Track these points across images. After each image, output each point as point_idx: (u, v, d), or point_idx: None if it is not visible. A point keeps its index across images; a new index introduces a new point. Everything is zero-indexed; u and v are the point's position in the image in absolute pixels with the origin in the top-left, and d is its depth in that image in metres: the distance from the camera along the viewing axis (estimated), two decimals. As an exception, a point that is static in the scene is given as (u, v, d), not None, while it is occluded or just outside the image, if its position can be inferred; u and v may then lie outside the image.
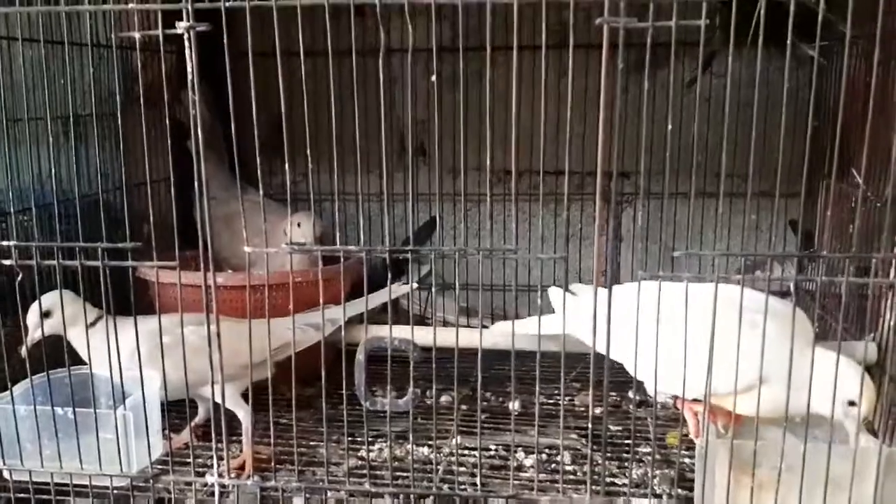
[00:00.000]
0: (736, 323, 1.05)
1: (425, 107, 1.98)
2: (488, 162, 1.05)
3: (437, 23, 1.06)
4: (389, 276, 1.16)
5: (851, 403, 1.14)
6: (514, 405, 1.49)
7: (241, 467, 1.36)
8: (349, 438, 1.53)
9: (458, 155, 1.08)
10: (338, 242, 1.09)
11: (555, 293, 1.43)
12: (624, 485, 1.40)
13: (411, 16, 1.03)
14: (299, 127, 1.12)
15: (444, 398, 1.73)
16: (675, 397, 1.41)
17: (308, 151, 1.12)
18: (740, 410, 1.22)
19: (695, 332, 1.06)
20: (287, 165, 1.12)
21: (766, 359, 1.06)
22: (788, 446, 1.09)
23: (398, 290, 1.62)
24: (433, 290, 2.11)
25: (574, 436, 1.56)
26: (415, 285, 1.62)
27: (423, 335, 1.23)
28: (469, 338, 1.21)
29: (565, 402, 1.78)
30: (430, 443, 1.50)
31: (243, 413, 1.40)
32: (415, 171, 2.19)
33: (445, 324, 2.15)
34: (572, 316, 1.16)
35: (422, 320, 2.18)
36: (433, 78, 1.08)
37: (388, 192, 1.10)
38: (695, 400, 1.30)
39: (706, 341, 1.04)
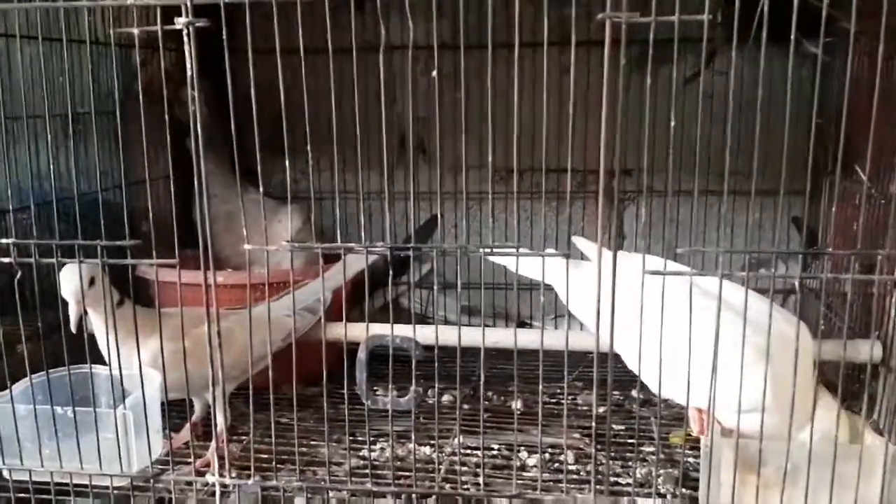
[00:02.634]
0: (739, 340, 1.05)
1: (426, 104, 1.97)
2: (490, 159, 1.05)
3: (437, 19, 1.05)
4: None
5: None
6: (517, 404, 1.48)
7: (207, 465, 1.36)
8: (350, 438, 1.53)
9: (460, 153, 1.07)
10: (338, 240, 1.09)
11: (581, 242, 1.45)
12: (628, 484, 1.39)
13: (411, 12, 1.02)
14: (299, 124, 1.11)
15: (445, 397, 1.72)
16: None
17: (308, 148, 1.11)
18: (743, 428, 1.21)
19: (698, 342, 1.06)
20: (287, 163, 1.11)
21: (768, 390, 1.07)
22: (794, 445, 1.08)
23: (356, 259, 1.62)
24: (434, 288, 2.10)
25: (577, 435, 1.56)
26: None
27: (424, 334, 1.22)
28: (471, 336, 1.20)
29: (568, 402, 1.77)
30: (432, 442, 1.49)
31: (224, 416, 1.40)
32: (415, 168, 2.18)
33: (447, 323, 2.14)
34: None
35: (423, 319, 2.17)
36: (434, 74, 1.07)
37: (388, 190, 1.09)
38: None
39: (709, 353, 1.04)
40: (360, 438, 1.47)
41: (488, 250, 1.10)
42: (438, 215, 2.19)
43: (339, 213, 1.08)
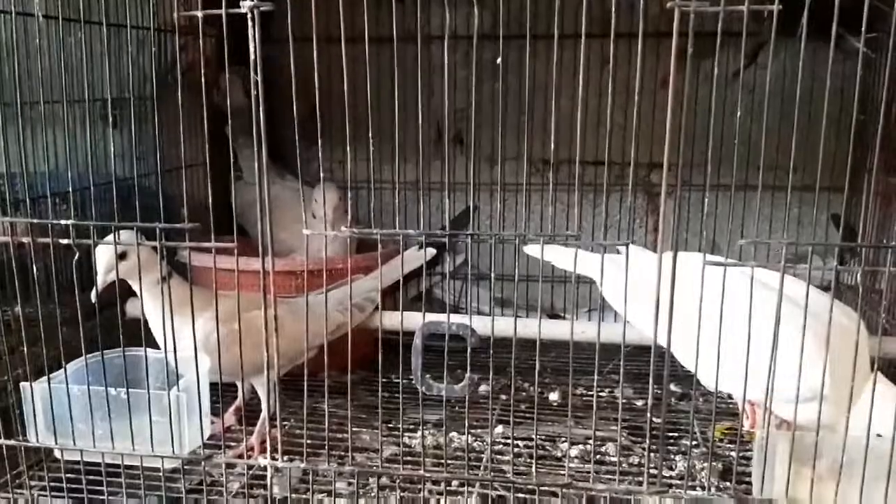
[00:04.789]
0: (799, 329, 1.05)
1: (464, 95, 1.97)
2: (527, 150, 1.04)
3: (478, 8, 1.04)
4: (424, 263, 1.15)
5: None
6: (554, 395, 1.48)
7: (252, 450, 1.40)
8: (389, 425, 1.53)
9: (497, 144, 1.07)
10: (396, 226, 1.09)
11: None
12: (671, 477, 1.39)
13: (451, 2, 1.02)
14: (336, 114, 1.11)
15: (482, 388, 1.73)
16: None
17: (349, 135, 1.11)
18: (799, 420, 1.21)
19: (757, 332, 1.06)
20: (321, 152, 1.11)
21: (827, 379, 1.07)
22: (850, 439, 1.08)
23: (418, 255, 1.63)
24: (492, 277, 2.11)
25: (614, 427, 1.56)
26: (431, 251, 1.61)
27: (476, 323, 1.22)
28: (527, 327, 1.21)
29: (605, 395, 1.77)
30: (472, 431, 1.49)
31: (274, 401, 1.40)
32: (452, 160, 2.17)
33: (479, 314, 2.14)
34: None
35: (456, 310, 2.18)
36: (498, 61, 1.07)
37: (424, 180, 1.09)
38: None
39: (768, 342, 1.04)
40: (399, 426, 1.48)
41: (547, 238, 1.10)
42: (474, 206, 2.19)
43: (373, 201, 1.08)
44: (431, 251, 1.63)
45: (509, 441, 1.46)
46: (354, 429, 1.52)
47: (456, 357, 1.18)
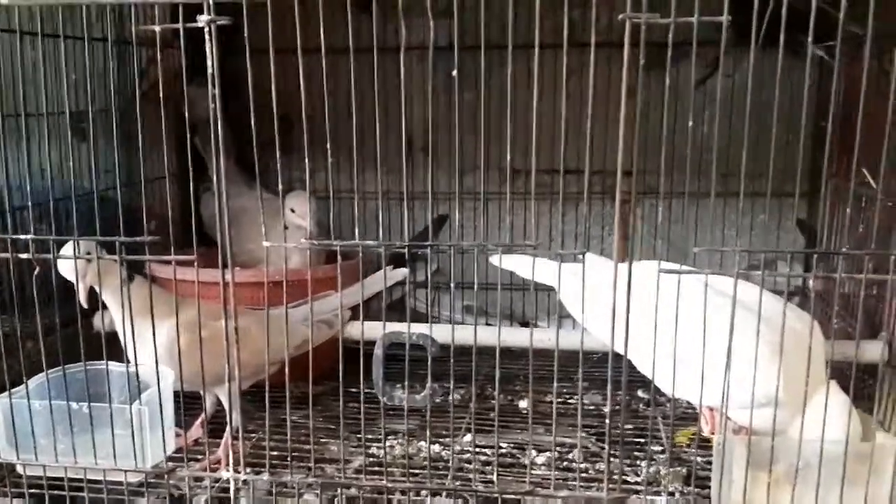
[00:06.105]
0: (753, 337, 1.06)
1: (433, 106, 1.98)
2: (509, 159, 1.06)
3: (444, 20, 1.06)
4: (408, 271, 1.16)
5: None
6: (522, 403, 1.49)
7: (219, 462, 1.38)
8: (359, 436, 1.53)
9: (454, 153, 1.08)
10: (357, 237, 1.09)
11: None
12: (636, 483, 1.40)
13: (425, 13, 1.03)
14: (308, 124, 1.12)
15: (451, 396, 1.73)
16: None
17: (306, 146, 1.12)
18: (755, 425, 1.22)
19: (712, 340, 1.07)
20: (279, 164, 1.12)
21: (781, 385, 1.09)
22: (806, 442, 1.10)
23: (393, 274, 1.62)
24: (452, 287, 2.11)
25: (584, 434, 1.57)
26: (405, 270, 1.61)
27: (438, 332, 1.23)
28: (485, 336, 1.22)
29: (574, 402, 1.78)
30: (441, 440, 1.49)
31: (237, 413, 1.40)
32: (411, 168, 2.18)
33: (451, 322, 2.14)
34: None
35: (427, 319, 2.18)
36: (454, 73, 1.08)
37: (387, 189, 1.10)
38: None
39: (723, 351, 1.05)
40: (368, 436, 1.48)
41: (506, 248, 1.11)
42: (445, 215, 2.19)
43: (357, 211, 1.09)
44: (404, 271, 1.62)
45: (477, 449, 1.47)
46: (324, 440, 1.52)
47: (423, 367, 1.19)
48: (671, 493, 1.30)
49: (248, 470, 1.20)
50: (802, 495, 1.10)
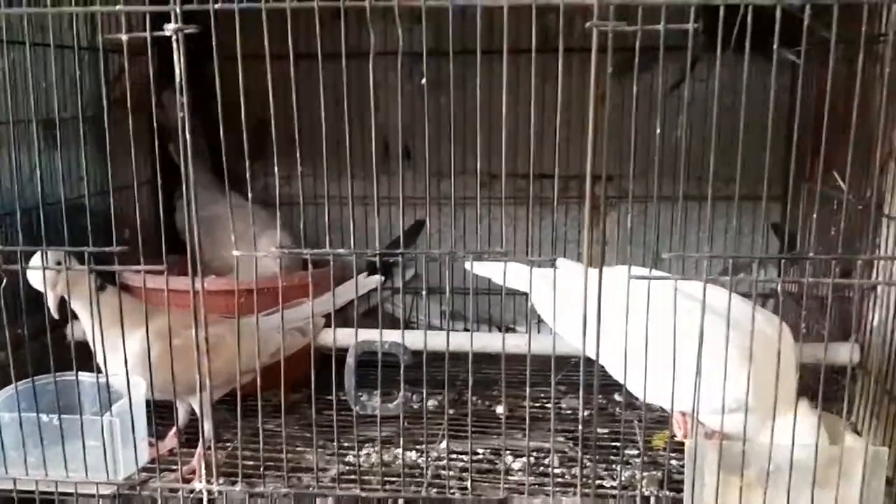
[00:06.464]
0: (723, 342, 1.07)
1: (409, 111, 1.97)
2: (476, 164, 1.06)
3: (425, 25, 1.06)
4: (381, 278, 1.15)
5: None
6: (502, 409, 1.48)
7: (193, 472, 1.37)
8: (336, 444, 1.53)
9: (427, 159, 1.09)
10: (328, 246, 1.09)
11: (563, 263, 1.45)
12: (612, 487, 1.41)
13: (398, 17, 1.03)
14: (280, 131, 1.12)
15: (430, 402, 1.73)
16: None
17: (275, 152, 1.12)
18: (726, 429, 1.23)
19: (682, 346, 1.08)
20: (276, 169, 1.12)
21: (751, 390, 1.09)
22: (776, 447, 1.10)
23: (367, 282, 1.62)
24: (425, 294, 2.11)
25: (561, 439, 1.57)
26: (378, 278, 1.61)
27: (411, 339, 1.23)
28: (457, 341, 1.22)
29: (551, 406, 1.78)
30: (418, 447, 1.49)
31: (210, 423, 1.39)
32: (401, 174, 2.18)
33: (430, 328, 2.14)
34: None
35: (408, 325, 2.18)
36: (423, 81, 1.08)
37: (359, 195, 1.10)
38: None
39: (693, 356, 1.06)
40: (345, 444, 1.47)
41: (476, 256, 1.11)
42: (423, 220, 2.19)
43: (328, 219, 1.09)
44: (378, 278, 1.62)
45: (454, 456, 1.46)
46: (300, 448, 1.52)
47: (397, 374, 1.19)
48: (646, 498, 1.30)
49: (222, 480, 1.20)
50: (774, 499, 1.10)
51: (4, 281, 1.13)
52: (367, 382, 1.42)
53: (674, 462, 1.46)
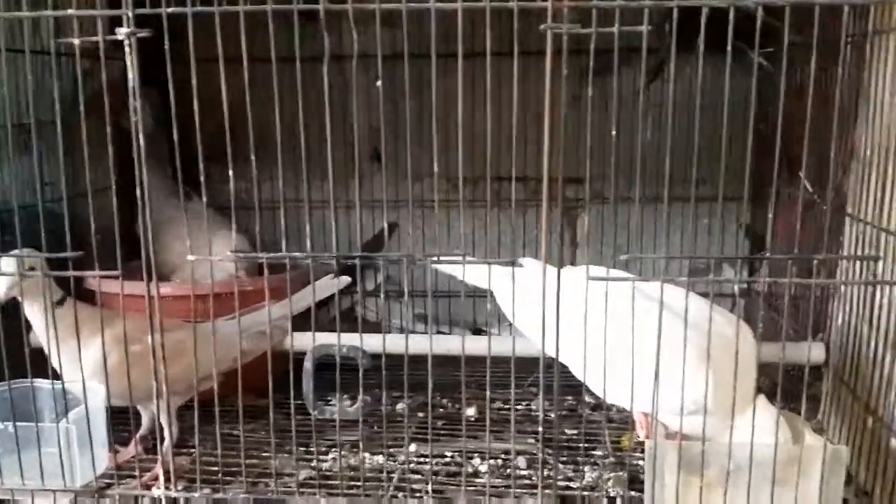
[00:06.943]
0: (681, 344, 1.07)
1: (375, 114, 1.97)
2: (435, 169, 1.05)
3: (379, 28, 1.06)
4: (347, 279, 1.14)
5: None
6: (469, 411, 1.48)
7: (155, 478, 1.34)
8: (302, 449, 1.51)
9: (406, 162, 1.08)
10: (283, 250, 1.08)
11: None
12: (578, 488, 1.41)
13: (357, 22, 1.03)
14: (243, 134, 1.11)
15: (399, 406, 1.72)
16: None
17: (230, 155, 1.11)
18: (686, 430, 1.23)
19: (641, 347, 1.08)
20: (231, 173, 1.11)
21: (710, 391, 1.09)
22: (735, 446, 1.11)
23: (330, 284, 1.60)
24: (383, 297, 2.10)
25: (531, 440, 1.56)
26: (346, 279, 1.59)
27: (373, 343, 1.22)
28: (420, 344, 1.21)
29: (521, 407, 1.78)
30: (384, 451, 1.48)
31: (173, 429, 1.38)
32: (369, 177, 2.17)
33: (402, 331, 2.14)
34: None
35: (379, 329, 2.17)
36: (378, 84, 1.08)
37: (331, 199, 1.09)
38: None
39: (652, 357, 1.06)
40: (311, 449, 1.46)
41: (434, 259, 1.10)
42: (391, 224, 2.18)
43: (283, 223, 1.08)
44: (346, 279, 1.61)
45: (421, 459, 1.46)
46: (266, 454, 1.50)
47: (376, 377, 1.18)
48: (611, 499, 1.30)
49: (181, 486, 1.18)
50: (734, 498, 1.11)
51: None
52: (329, 386, 1.41)
53: (640, 462, 1.46)
